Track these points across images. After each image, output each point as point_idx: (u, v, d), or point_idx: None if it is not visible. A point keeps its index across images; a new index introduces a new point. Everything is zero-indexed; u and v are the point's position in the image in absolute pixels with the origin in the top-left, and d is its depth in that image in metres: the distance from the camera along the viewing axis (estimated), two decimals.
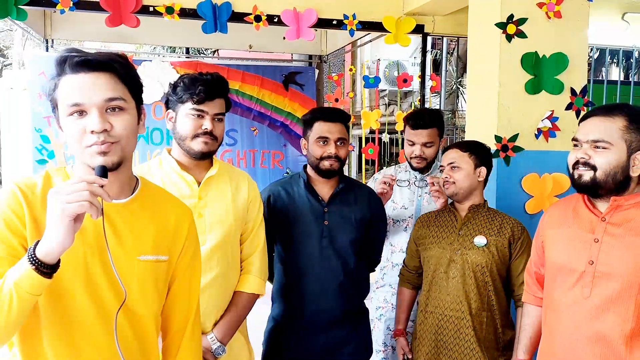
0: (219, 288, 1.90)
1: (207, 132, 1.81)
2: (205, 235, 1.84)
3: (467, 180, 2.19)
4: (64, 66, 1.21)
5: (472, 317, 2.09)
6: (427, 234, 2.27)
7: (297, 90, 7.55)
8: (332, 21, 4.22)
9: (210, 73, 1.85)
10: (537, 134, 2.92)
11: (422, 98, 4.96)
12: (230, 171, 2.00)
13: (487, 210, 2.22)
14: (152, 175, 1.81)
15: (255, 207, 2.01)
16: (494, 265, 2.09)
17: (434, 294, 2.18)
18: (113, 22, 3.75)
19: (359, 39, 6.50)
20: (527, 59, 2.87)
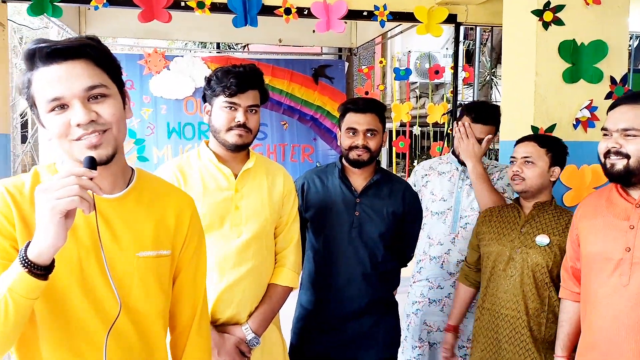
0: (254, 280, 1.91)
1: (240, 125, 1.82)
2: (241, 227, 1.86)
3: (539, 179, 2.10)
4: (34, 59, 1.08)
5: (529, 317, 2.03)
6: (488, 230, 2.21)
7: (327, 84, 7.53)
8: (363, 12, 4.17)
9: (243, 65, 1.85)
10: (576, 124, 2.83)
11: (455, 90, 4.88)
12: (266, 164, 2.00)
13: (554, 208, 2.13)
14: (191, 167, 1.87)
15: (290, 201, 2.01)
16: (555, 266, 2.02)
17: (492, 291, 2.14)
18: (145, 17, 3.79)
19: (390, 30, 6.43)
20: (565, 47, 2.78)
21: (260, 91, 1.89)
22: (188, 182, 1.84)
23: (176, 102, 7.18)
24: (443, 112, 5.99)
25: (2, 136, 3.70)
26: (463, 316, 2.41)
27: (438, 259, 2.59)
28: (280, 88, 7.28)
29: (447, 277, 2.57)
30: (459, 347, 2.58)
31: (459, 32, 4.63)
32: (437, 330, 2.59)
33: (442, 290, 2.59)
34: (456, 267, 2.56)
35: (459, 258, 2.54)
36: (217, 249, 1.82)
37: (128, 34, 7.09)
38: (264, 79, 1.90)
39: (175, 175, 1.85)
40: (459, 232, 2.55)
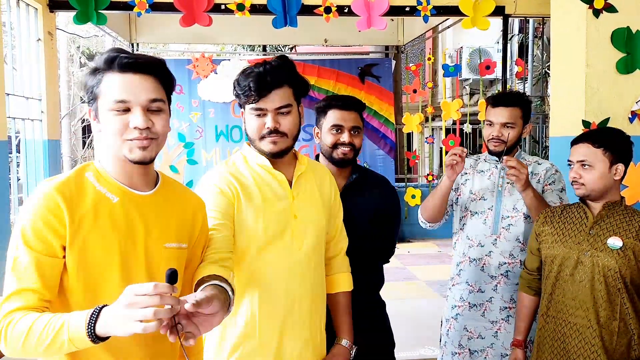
0: (319, 294, 1.75)
1: (271, 131, 1.61)
2: (302, 239, 1.68)
3: (600, 181, 1.91)
4: (113, 64, 1.27)
5: (600, 327, 1.89)
6: (551, 231, 2.05)
7: (374, 83, 7.44)
8: (405, 8, 4.07)
9: (265, 62, 1.64)
10: (632, 117, 2.65)
11: (504, 85, 4.70)
12: (313, 166, 1.83)
13: (625, 208, 1.95)
14: (242, 175, 1.68)
15: (337, 204, 1.88)
16: (629, 271, 1.86)
17: (557, 298, 1.99)
18: (187, 21, 3.83)
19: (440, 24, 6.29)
20: (618, 36, 2.60)
21: (293, 86, 1.65)
22: (246, 190, 1.64)
23: (223, 105, 7.29)
24: None
25: (53, 142, 3.83)
26: (530, 328, 2.27)
27: (478, 261, 2.46)
28: (326, 88, 7.26)
29: (488, 281, 2.44)
30: (501, 355, 2.46)
31: (507, 24, 4.45)
32: (479, 337, 2.46)
33: (483, 294, 2.46)
34: (498, 270, 2.43)
35: (500, 260, 2.41)
36: (280, 261, 1.65)
37: (177, 39, 7.26)
38: (295, 71, 1.66)
39: (230, 185, 1.64)
40: (500, 233, 2.41)
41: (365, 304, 2.21)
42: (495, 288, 2.43)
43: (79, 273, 1.23)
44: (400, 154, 7.93)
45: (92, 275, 1.25)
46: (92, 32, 10.23)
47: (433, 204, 2.43)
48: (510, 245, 2.37)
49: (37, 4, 3.67)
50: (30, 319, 1.13)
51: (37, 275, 1.18)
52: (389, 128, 7.58)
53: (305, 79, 1.69)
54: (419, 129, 6.67)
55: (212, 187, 1.64)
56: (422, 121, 6.59)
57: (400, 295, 5.04)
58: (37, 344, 1.12)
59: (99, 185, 1.29)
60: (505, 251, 2.39)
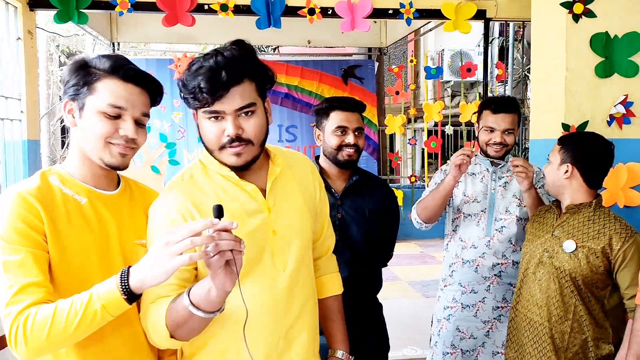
0: (312, 310, 1.49)
1: (233, 139, 1.29)
2: (286, 258, 1.39)
3: (550, 175, 2.02)
4: (117, 72, 1.29)
5: (551, 325, 1.94)
6: (530, 230, 2.15)
7: (357, 84, 7.47)
8: (388, 10, 4.10)
9: (218, 51, 1.29)
10: (610, 120, 2.70)
11: (485, 87, 4.75)
12: (288, 160, 1.50)
13: (593, 211, 1.96)
14: (201, 190, 1.36)
15: (323, 197, 1.60)
16: (580, 274, 1.90)
17: (523, 293, 2.07)
18: (169, 21, 3.81)
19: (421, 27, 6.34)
20: (597, 40, 2.65)
21: (255, 79, 1.33)
22: (204, 213, 1.32)
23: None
24: (475, 111, 5.86)
25: (33, 142, 3.78)
26: None
27: (472, 262, 2.49)
28: (309, 89, 7.26)
29: (481, 282, 2.48)
30: (492, 353, 2.49)
31: (488, 28, 4.51)
32: (471, 337, 2.50)
33: (476, 294, 2.50)
34: (491, 271, 2.46)
35: (494, 261, 2.45)
36: (262, 290, 1.35)
37: (158, 39, 7.20)
38: (256, 59, 1.34)
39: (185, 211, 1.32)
40: (494, 235, 2.45)
41: (365, 307, 2.21)
42: (488, 288, 2.46)
43: (61, 271, 1.23)
44: (383, 155, 7.97)
45: (76, 275, 1.25)
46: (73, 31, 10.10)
47: (434, 203, 2.44)
48: (503, 247, 2.41)
49: (17, 2, 3.61)
50: (52, 306, 1.12)
51: (37, 268, 1.17)
52: (372, 129, 7.62)
53: (269, 67, 1.37)
54: (402, 131, 6.71)
55: (161, 218, 1.33)
56: (404, 123, 6.63)
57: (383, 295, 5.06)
58: (67, 325, 1.10)
59: (65, 188, 1.30)
60: (498, 252, 2.43)
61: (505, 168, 2.49)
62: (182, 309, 1.19)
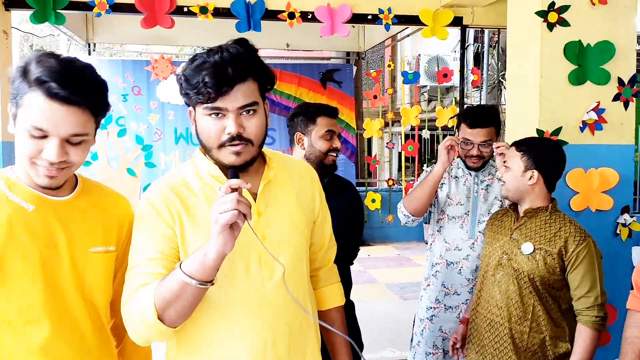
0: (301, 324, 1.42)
1: (234, 137, 1.26)
2: (273, 266, 1.34)
3: (513, 182, 2.05)
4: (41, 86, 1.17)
5: (512, 325, 2.00)
6: (489, 233, 2.20)
7: (335, 88, 7.50)
8: (367, 16, 4.14)
9: (222, 47, 1.27)
10: (582, 126, 2.77)
11: (461, 93, 4.83)
12: (286, 164, 1.48)
13: (549, 214, 2.04)
14: (191, 189, 1.34)
15: (324, 204, 1.56)
16: (538, 275, 1.96)
17: (483, 295, 2.12)
18: (148, 23, 3.78)
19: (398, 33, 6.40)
20: (571, 48, 2.72)
21: (258, 79, 1.31)
22: (191, 212, 1.31)
23: (183, 108, 7.12)
24: (451, 116, 5.94)
25: (7, 144, 3.71)
26: None
27: (456, 264, 2.54)
28: (288, 92, 7.27)
29: (464, 283, 2.52)
30: (425, 353, 2.57)
31: (464, 34, 4.59)
32: None
33: (459, 296, 2.54)
34: (474, 273, 2.51)
35: (477, 264, 2.50)
36: (245, 299, 1.31)
37: (136, 40, 7.14)
38: (259, 59, 1.32)
39: (169, 203, 1.30)
40: (477, 237, 2.51)
41: None
42: (471, 290, 2.51)
43: None
44: (361, 158, 8.02)
45: (14, 290, 1.21)
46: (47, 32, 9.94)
47: (422, 192, 2.48)
48: None
49: None
50: None
51: None
52: (350, 133, 7.66)
53: (270, 69, 1.35)
54: (379, 134, 6.76)
55: (145, 207, 1.32)
56: (382, 127, 6.69)
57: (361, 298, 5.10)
58: None
59: (12, 195, 1.23)
60: (481, 254, 2.48)
61: (487, 172, 2.55)
62: (174, 282, 1.17)
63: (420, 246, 7.39)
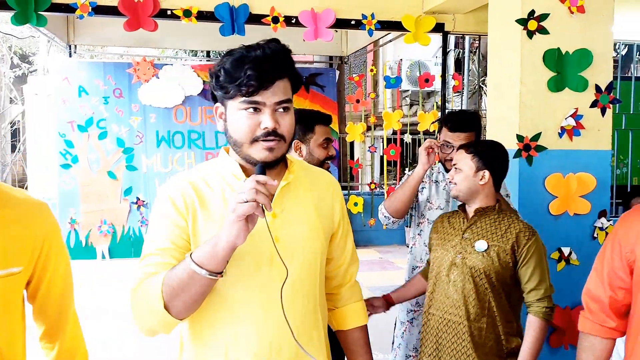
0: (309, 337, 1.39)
1: (269, 133, 1.27)
2: (286, 264, 1.31)
3: (465, 183, 2.10)
4: None
5: (470, 323, 2.04)
6: (436, 236, 2.23)
7: (318, 92, 7.53)
8: (351, 21, 4.18)
9: (261, 44, 1.29)
10: (561, 132, 2.83)
11: (443, 98, 4.89)
12: (309, 172, 1.49)
13: (498, 213, 2.12)
14: (209, 186, 1.34)
15: (346, 220, 1.54)
16: (493, 271, 2.02)
17: (437, 297, 2.14)
18: (131, 26, 3.77)
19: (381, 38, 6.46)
20: (550, 56, 2.78)
21: (292, 78, 1.32)
22: (206, 206, 1.31)
23: (165, 111, 7.16)
24: (433, 120, 6.01)
25: None
26: (404, 299, 2.41)
27: None
28: None
29: None
30: (406, 356, 2.59)
31: (446, 40, 4.65)
32: None
33: None
34: None
35: None
36: (253, 299, 1.31)
37: (118, 43, 7.08)
38: (293, 60, 1.33)
39: (185, 196, 1.31)
40: None
41: None
42: None
43: None
44: (344, 162, 8.05)
45: None
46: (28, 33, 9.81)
47: (403, 193, 2.51)
48: None
49: None
50: None
51: None
52: (333, 137, 7.68)
53: (299, 73, 1.37)
54: (362, 138, 6.80)
55: (163, 197, 1.33)
56: (364, 130, 6.73)
57: None
58: None
59: None
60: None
61: None
62: (183, 271, 1.16)
63: (402, 249, 7.44)
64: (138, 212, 7.11)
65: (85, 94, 6.80)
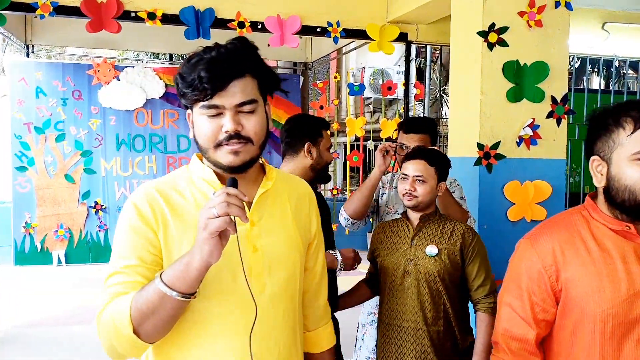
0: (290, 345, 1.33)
1: (231, 136, 1.20)
2: (264, 278, 1.26)
3: (429, 195, 2.15)
4: None
5: (428, 327, 2.08)
6: (382, 246, 2.24)
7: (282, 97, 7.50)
8: (316, 28, 4.22)
9: (221, 45, 1.23)
10: (519, 141, 2.93)
11: (406, 106, 4.98)
12: (288, 180, 1.43)
13: (439, 218, 2.20)
14: (181, 194, 1.26)
15: (319, 224, 1.48)
16: (446, 274, 2.07)
17: (392, 306, 2.15)
18: (94, 27, 3.71)
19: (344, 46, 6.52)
20: (509, 68, 2.89)
21: (258, 76, 1.24)
22: (180, 215, 1.23)
23: (126, 113, 7.03)
24: (395, 128, 6.09)
25: None
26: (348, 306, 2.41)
27: None
28: None
29: None
30: (366, 358, 2.65)
31: (409, 50, 4.74)
32: None
33: None
34: None
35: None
36: (232, 316, 1.22)
37: (77, 43, 6.92)
38: (259, 57, 1.26)
39: (153, 204, 1.23)
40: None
41: None
42: None
43: None
44: None
45: None
46: None
47: (361, 195, 2.56)
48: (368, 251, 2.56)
49: None
50: None
51: None
52: None
53: (272, 69, 1.28)
54: None
55: (130, 208, 1.23)
56: None
57: None
58: None
59: None
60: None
61: None
62: (153, 293, 1.08)
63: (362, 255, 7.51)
64: (96, 216, 6.94)
65: (43, 95, 6.61)
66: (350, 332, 2.80)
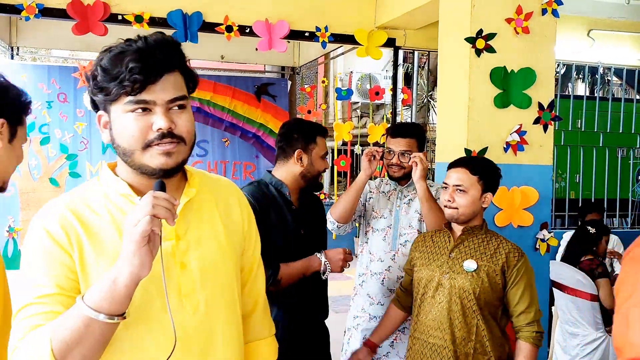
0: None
1: (164, 134, 1.08)
2: (197, 295, 1.15)
3: (472, 207, 2.00)
4: None
5: (455, 347, 1.94)
6: (420, 255, 2.14)
7: (270, 102, 7.52)
8: (305, 33, 4.22)
9: (145, 36, 1.10)
10: (506, 147, 2.95)
11: (394, 111, 4.99)
12: (210, 183, 1.30)
13: (485, 232, 2.04)
14: (94, 212, 1.12)
15: (253, 228, 1.37)
16: (483, 293, 1.93)
17: (421, 319, 2.04)
18: (80, 30, 3.67)
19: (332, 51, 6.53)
20: (496, 74, 2.90)
21: (184, 72, 1.14)
22: (94, 235, 1.10)
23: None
24: (383, 132, 6.11)
25: None
26: (386, 337, 2.41)
27: (379, 275, 2.63)
28: (222, 105, 7.21)
29: (387, 294, 2.61)
30: None
31: (397, 55, 4.75)
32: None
33: (383, 306, 2.62)
34: (396, 283, 2.60)
35: (398, 274, 2.59)
36: (164, 338, 1.10)
37: (63, 46, 6.86)
38: (183, 52, 1.14)
39: (66, 226, 1.09)
40: (398, 249, 2.60)
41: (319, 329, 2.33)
42: None
43: None
44: None
45: None
46: None
47: (347, 199, 2.57)
48: (406, 260, 2.56)
49: None
50: None
51: None
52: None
53: (193, 71, 1.19)
54: None
55: (40, 231, 1.09)
56: None
57: None
58: None
59: None
60: (403, 266, 2.57)
61: (411, 187, 2.66)
62: (76, 319, 0.97)
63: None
64: None
65: None
66: (340, 337, 2.80)
